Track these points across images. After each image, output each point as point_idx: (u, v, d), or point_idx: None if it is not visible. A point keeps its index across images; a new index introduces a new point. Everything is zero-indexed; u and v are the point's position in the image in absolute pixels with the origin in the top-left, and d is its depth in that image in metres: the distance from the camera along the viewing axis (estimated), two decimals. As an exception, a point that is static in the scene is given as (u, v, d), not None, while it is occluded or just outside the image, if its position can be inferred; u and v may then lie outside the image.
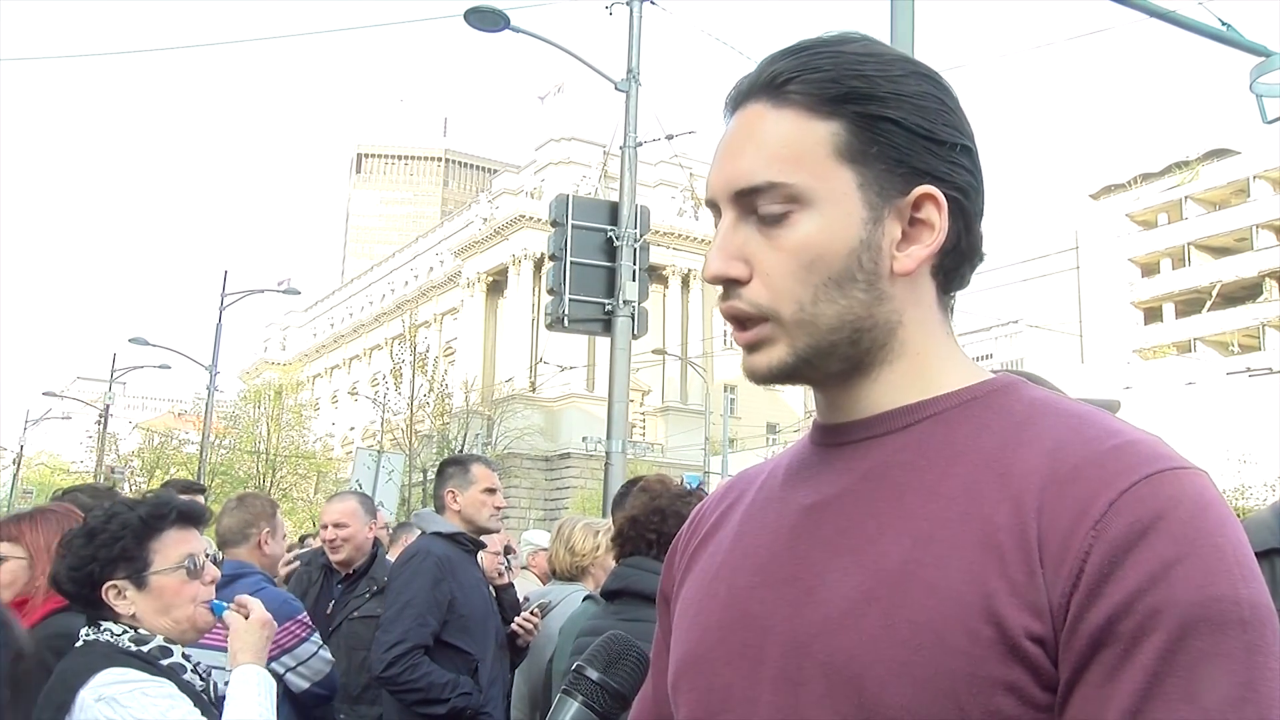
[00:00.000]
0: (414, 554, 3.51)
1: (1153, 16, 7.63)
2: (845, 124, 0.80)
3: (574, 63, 11.03)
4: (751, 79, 0.84)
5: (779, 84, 0.81)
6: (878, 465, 0.82)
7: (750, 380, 0.85)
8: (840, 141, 0.80)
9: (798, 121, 0.80)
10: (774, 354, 0.82)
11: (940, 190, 0.81)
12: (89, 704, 1.79)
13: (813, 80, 0.80)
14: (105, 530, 1.98)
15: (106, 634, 1.94)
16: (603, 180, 34.63)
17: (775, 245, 0.81)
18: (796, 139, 0.80)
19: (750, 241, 0.82)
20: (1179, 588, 0.66)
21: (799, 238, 0.80)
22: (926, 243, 0.82)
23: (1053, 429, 0.77)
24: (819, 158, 0.80)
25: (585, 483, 38.53)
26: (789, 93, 0.81)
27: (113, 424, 39.60)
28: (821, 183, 0.80)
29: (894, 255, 0.81)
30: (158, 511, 2.04)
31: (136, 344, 27.25)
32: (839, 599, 0.77)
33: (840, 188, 0.80)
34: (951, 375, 0.84)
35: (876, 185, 0.80)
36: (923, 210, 0.81)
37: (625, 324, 9.18)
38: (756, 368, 0.84)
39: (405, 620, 3.31)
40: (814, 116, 0.80)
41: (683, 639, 0.90)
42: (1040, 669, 0.69)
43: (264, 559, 3.45)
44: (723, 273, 0.82)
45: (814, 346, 0.81)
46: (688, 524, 1.02)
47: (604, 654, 1.01)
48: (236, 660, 2.06)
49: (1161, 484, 0.70)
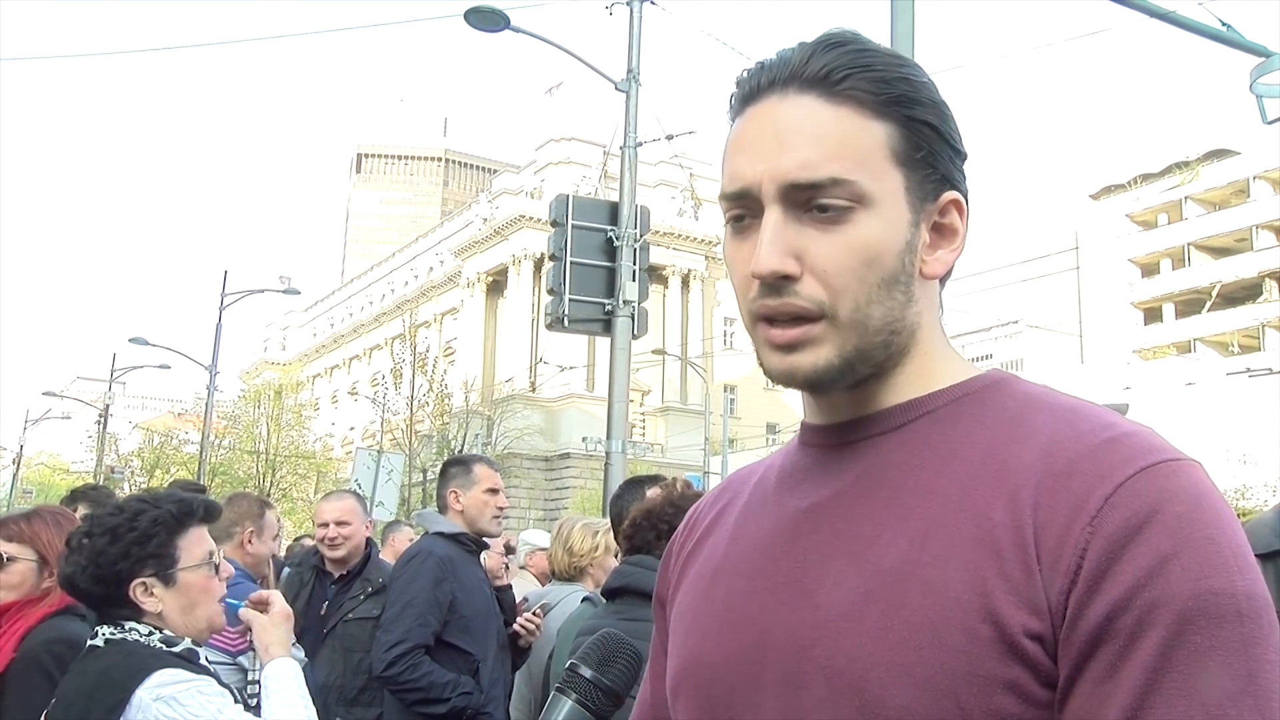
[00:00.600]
0: (416, 554, 3.52)
1: (1153, 16, 7.63)
2: (897, 127, 0.80)
3: (574, 63, 11.03)
4: (790, 69, 0.81)
5: (834, 79, 0.80)
6: (873, 466, 0.81)
7: (785, 383, 0.82)
8: (894, 143, 0.80)
9: (855, 119, 0.80)
10: (820, 354, 0.80)
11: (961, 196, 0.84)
12: (147, 703, 1.77)
13: (868, 78, 0.80)
14: (135, 527, 1.95)
15: (133, 634, 1.91)
16: (603, 180, 34.62)
17: (834, 243, 0.79)
18: (857, 137, 0.79)
19: (804, 237, 0.79)
20: (1176, 582, 0.66)
21: (861, 236, 0.79)
22: (951, 247, 0.84)
23: (1046, 423, 0.77)
24: (878, 159, 0.80)
25: (585, 483, 38.53)
26: (845, 89, 0.80)
27: (112, 424, 39.61)
28: (879, 183, 0.79)
29: (924, 259, 0.83)
30: (186, 508, 2.03)
31: (136, 344, 27.26)
32: (838, 601, 0.77)
33: (893, 189, 0.80)
34: (946, 372, 0.85)
35: (918, 190, 0.81)
36: (948, 216, 0.83)
37: (625, 324, 9.19)
38: (799, 367, 0.80)
39: (406, 620, 3.32)
40: (871, 116, 0.80)
41: (681, 643, 0.90)
42: (1039, 666, 0.69)
43: (247, 557, 3.46)
44: (779, 269, 0.78)
45: (860, 349, 0.80)
46: (682, 526, 1.02)
47: (597, 652, 1.01)
48: (269, 654, 2.08)
49: (1156, 477, 0.70)
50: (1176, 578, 0.66)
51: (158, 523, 1.97)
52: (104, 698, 1.80)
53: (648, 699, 1.01)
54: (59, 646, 2.27)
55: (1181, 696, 0.65)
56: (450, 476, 3.73)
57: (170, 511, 2.00)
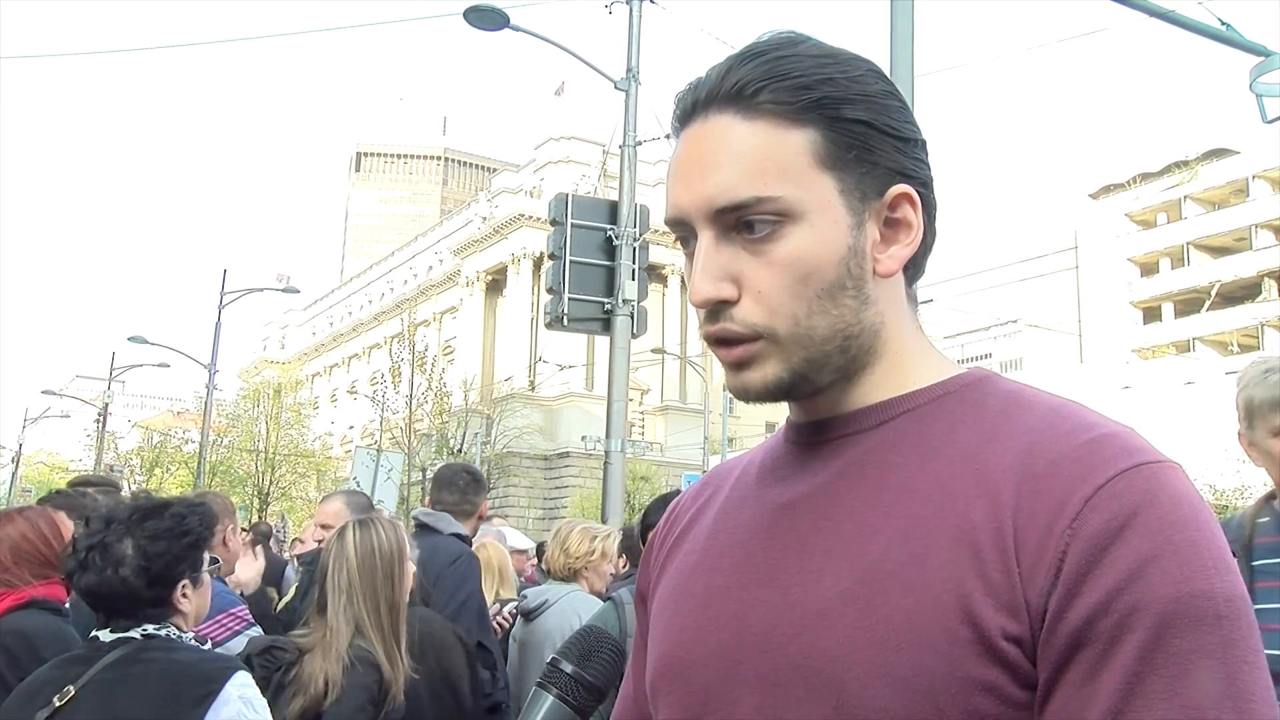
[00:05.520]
0: (460, 554, 3.62)
1: (1152, 16, 7.63)
2: (821, 130, 0.78)
3: (574, 62, 11.02)
4: (709, 87, 0.80)
5: (749, 94, 0.78)
6: (853, 463, 0.81)
7: (740, 399, 0.82)
8: (819, 149, 0.78)
9: (773, 132, 0.78)
10: (768, 370, 0.80)
11: (912, 187, 0.81)
12: (233, 699, 1.85)
13: (783, 88, 0.78)
14: (188, 529, 1.99)
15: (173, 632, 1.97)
16: (602, 179, 34.61)
17: (766, 261, 0.78)
18: (776, 150, 0.78)
19: (736, 259, 0.79)
20: (1156, 585, 0.66)
21: (791, 251, 0.78)
22: (906, 241, 0.82)
23: (1026, 423, 0.76)
24: (801, 168, 0.78)
25: (584, 482, 38.50)
26: (759, 103, 0.78)
27: (112, 422, 39.55)
28: (807, 193, 0.78)
29: (875, 258, 0.81)
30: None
31: (135, 342, 27.25)
32: (816, 599, 0.76)
33: (824, 196, 0.78)
34: (925, 371, 0.84)
35: (857, 189, 0.79)
36: (899, 210, 0.81)
37: (624, 323, 9.19)
38: (749, 385, 0.81)
39: (466, 619, 3.43)
40: (789, 125, 0.78)
41: (660, 639, 0.89)
42: (1018, 669, 0.69)
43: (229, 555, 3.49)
44: (713, 295, 0.78)
45: (809, 360, 0.80)
46: (663, 520, 1.01)
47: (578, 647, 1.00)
48: None
49: (1137, 479, 0.69)
50: (1157, 580, 0.66)
51: (206, 524, 2.03)
52: (193, 690, 1.85)
53: (630, 694, 1.00)
54: (11, 639, 2.29)
55: (1162, 699, 0.65)
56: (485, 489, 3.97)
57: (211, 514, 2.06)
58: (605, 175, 31.79)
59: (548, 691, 0.97)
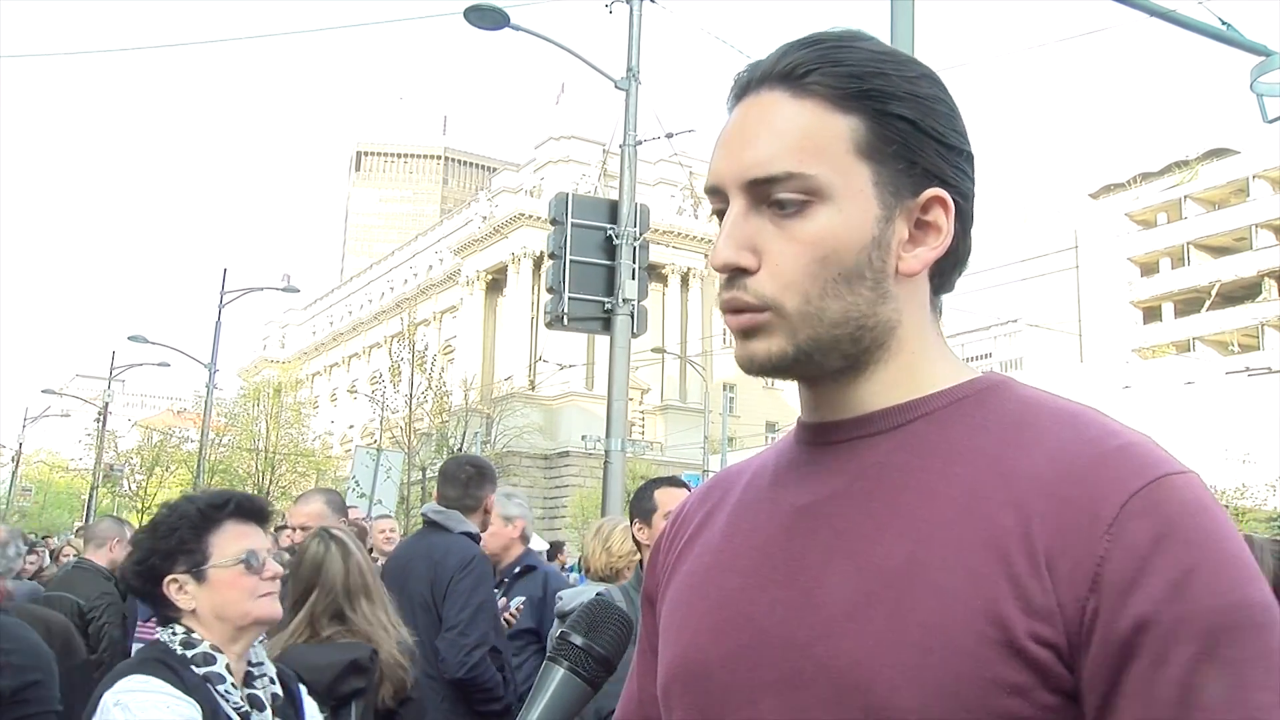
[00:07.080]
0: (473, 556, 3.59)
1: (1153, 16, 7.63)
2: (865, 120, 0.79)
3: (574, 61, 11.02)
4: (765, 67, 0.82)
5: (799, 75, 0.80)
6: (871, 466, 0.81)
7: (744, 369, 0.83)
8: (860, 137, 0.79)
9: (817, 113, 0.79)
10: (773, 343, 0.80)
11: (948, 194, 0.81)
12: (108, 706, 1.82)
13: (835, 74, 0.79)
14: (164, 522, 2.00)
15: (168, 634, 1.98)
16: (602, 178, 34.66)
17: (789, 236, 0.79)
18: (817, 131, 0.79)
19: (762, 231, 0.80)
20: (1201, 596, 0.67)
21: (815, 230, 0.79)
22: (933, 245, 0.82)
23: (1049, 429, 0.76)
24: (839, 152, 0.79)
25: (585, 481, 38.53)
26: (810, 84, 0.80)
27: (112, 422, 39.53)
28: (840, 177, 0.79)
29: (900, 255, 0.81)
30: (215, 502, 2.05)
31: (136, 341, 27.26)
32: (839, 600, 0.76)
33: (857, 184, 0.79)
34: (942, 375, 0.84)
35: (891, 184, 0.80)
36: (931, 213, 0.81)
37: (624, 322, 9.19)
38: (754, 355, 0.81)
39: (482, 622, 3.45)
40: (835, 110, 0.79)
41: (673, 641, 0.88)
42: (1049, 672, 0.69)
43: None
44: (733, 261, 0.80)
45: (815, 340, 0.80)
46: (670, 523, 1.00)
47: (586, 619, 0.99)
48: None
49: (1167, 489, 0.70)
50: (1200, 591, 0.67)
51: (183, 518, 2.00)
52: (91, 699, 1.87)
53: (635, 696, 0.99)
54: None
55: (1223, 708, 0.65)
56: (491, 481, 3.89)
57: (197, 507, 2.02)
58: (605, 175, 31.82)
59: (559, 665, 0.96)
